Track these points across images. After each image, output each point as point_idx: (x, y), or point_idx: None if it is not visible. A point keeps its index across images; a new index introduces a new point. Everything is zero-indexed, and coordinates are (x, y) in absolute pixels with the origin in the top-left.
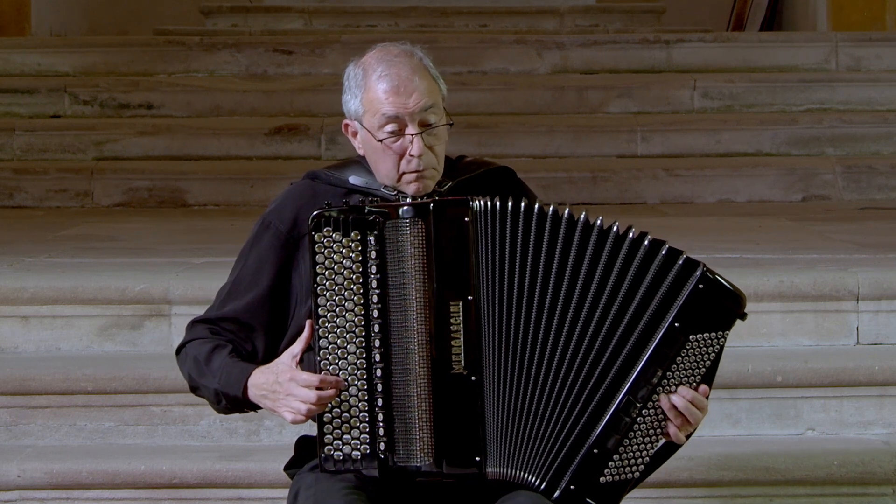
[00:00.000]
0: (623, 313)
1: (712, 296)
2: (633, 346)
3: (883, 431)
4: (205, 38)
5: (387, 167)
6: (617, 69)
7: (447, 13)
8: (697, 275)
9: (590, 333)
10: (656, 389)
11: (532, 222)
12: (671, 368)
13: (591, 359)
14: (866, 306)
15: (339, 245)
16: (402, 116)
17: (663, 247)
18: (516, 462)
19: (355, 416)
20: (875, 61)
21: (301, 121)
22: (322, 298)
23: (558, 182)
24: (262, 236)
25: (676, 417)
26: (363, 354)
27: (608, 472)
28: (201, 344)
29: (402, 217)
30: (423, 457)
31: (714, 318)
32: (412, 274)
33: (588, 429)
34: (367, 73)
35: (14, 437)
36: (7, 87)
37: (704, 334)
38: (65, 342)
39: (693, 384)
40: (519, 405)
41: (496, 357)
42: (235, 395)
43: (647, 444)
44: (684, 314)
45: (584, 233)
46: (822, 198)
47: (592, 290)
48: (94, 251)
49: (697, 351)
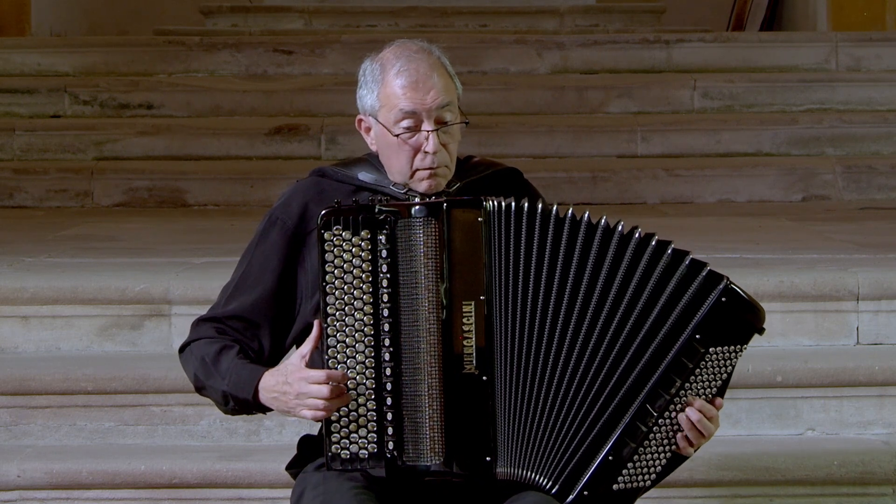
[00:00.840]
0: (642, 321)
1: (735, 309)
2: (651, 356)
3: (883, 431)
4: (205, 38)
5: (400, 163)
6: (617, 69)
7: (447, 13)
8: (721, 288)
9: (607, 340)
10: (673, 400)
11: (549, 224)
12: (689, 380)
13: (607, 365)
14: (866, 306)
15: (348, 244)
16: (419, 112)
17: (687, 257)
18: (526, 463)
19: (363, 416)
20: (875, 61)
21: (301, 121)
22: (331, 297)
23: (558, 182)
24: (269, 232)
25: (691, 430)
26: (372, 353)
27: (621, 480)
28: (208, 344)
29: (415, 216)
30: (432, 456)
31: (734, 332)
32: (424, 273)
33: (604, 435)
34: (385, 68)
35: (14, 437)
36: (7, 87)
37: (723, 347)
38: (65, 342)
39: (708, 397)
40: (531, 407)
41: (508, 358)
42: (245, 398)
43: (660, 453)
44: (705, 326)
45: (604, 237)
46: (822, 198)
47: (611, 296)
48: (94, 251)
49: (715, 364)
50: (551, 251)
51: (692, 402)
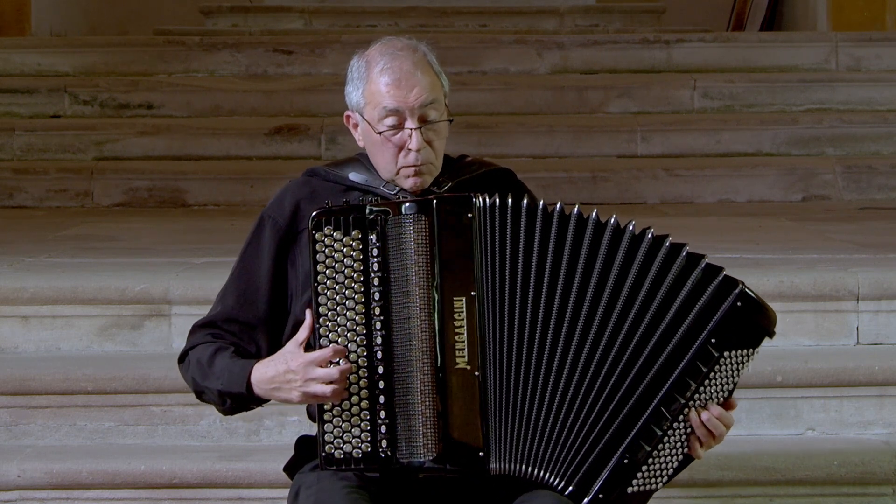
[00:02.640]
0: (656, 325)
1: (749, 314)
2: (666, 360)
3: (883, 431)
4: (205, 38)
5: (385, 160)
6: (617, 69)
7: (447, 13)
8: (736, 293)
9: (619, 341)
10: (688, 404)
11: (535, 219)
12: (704, 384)
13: (620, 367)
14: (866, 306)
15: (339, 244)
16: (402, 110)
17: (703, 261)
18: (524, 458)
19: (356, 415)
20: (875, 61)
21: (301, 121)
22: (323, 297)
23: (558, 182)
24: (261, 231)
25: (704, 433)
26: (365, 353)
27: (636, 483)
28: (203, 349)
29: (405, 213)
30: (426, 452)
31: (748, 336)
32: (415, 269)
33: (619, 438)
34: (370, 65)
35: (14, 437)
36: (7, 87)
37: (737, 351)
38: (65, 342)
39: (721, 400)
40: (527, 402)
41: (502, 354)
42: (240, 392)
43: (673, 456)
44: (720, 331)
45: (613, 236)
46: (822, 198)
47: (622, 298)
48: (94, 251)
49: (729, 368)
50: (540, 247)
51: (707, 405)
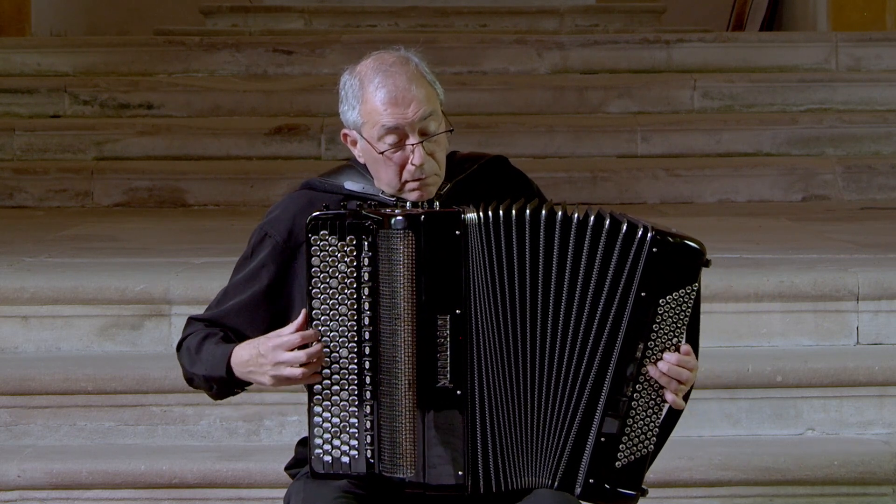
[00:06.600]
0: (597, 299)
1: (669, 255)
2: (611, 327)
3: (883, 431)
4: (205, 38)
5: (388, 177)
6: (617, 69)
7: (447, 13)
8: (648, 240)
9: (581, 330)
10: (643, 362)
11: (524, 227)
12: (651, 338)
13: (576, 353)
14: (866, 306)
15: (334, 248)
16: (402, 127)
17: (605, 222)
18: (513, 472)
19: (345, 422)
20: (875, 61)
21: (301, 121)
22: (317, 301)
23: (558, 182)
24: (259, 247)
25: (669, 383)
26: (355, 360)
27: (622, 456)
28: (195, 336)
29: (394, 227)
30: (407, 468)
31: (678, 276)
32: (402, 284)
33: (587, 421)
34: (364, 83)
35: (14, 437)
36: (7, 87)
37: (673, 294)
38: (65, 342)
39: (675, 346)
40: (514, 417)
41: (488, 370)
42: (221, 376)
43: (650, 416)
44: (646, 281)
45: (579, 230)
46: (822, 198)
47: (579, 286)
48: (94, 251)
49: (671, 312)
50: (518, 253)
51: (661, 356)
